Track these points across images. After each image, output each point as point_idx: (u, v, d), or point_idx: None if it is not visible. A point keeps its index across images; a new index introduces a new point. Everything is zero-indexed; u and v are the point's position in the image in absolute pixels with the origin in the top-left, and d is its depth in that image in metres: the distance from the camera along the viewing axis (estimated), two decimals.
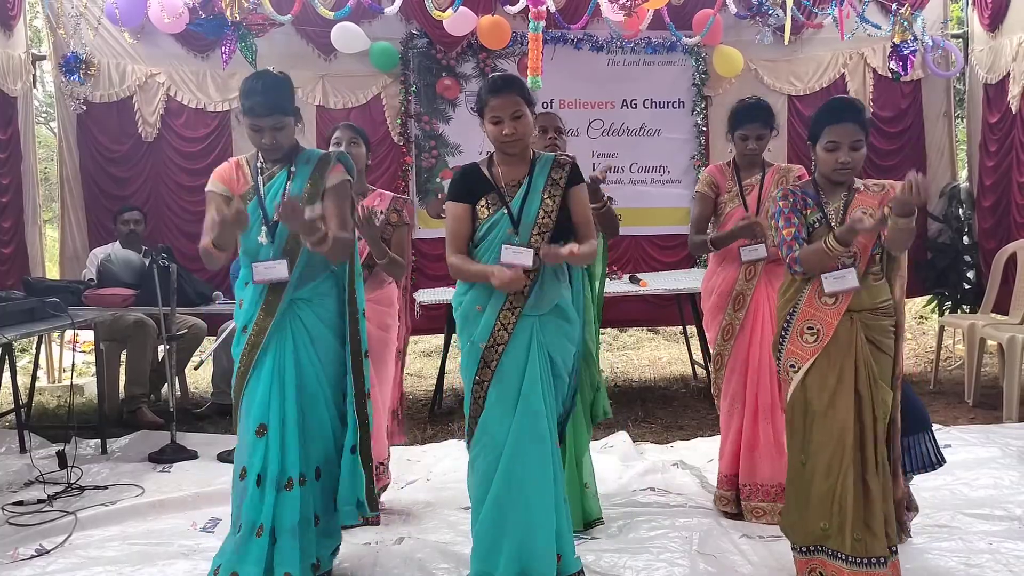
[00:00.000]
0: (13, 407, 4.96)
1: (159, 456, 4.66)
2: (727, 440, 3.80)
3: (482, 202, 2.97)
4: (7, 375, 4.89)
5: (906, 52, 6.46)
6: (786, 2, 5.61)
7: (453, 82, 6.65)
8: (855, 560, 2.84)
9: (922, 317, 8.46)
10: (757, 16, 6.31)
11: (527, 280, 2.88)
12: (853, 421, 2.87)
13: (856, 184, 2.98)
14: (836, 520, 2.86)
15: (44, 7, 6.32)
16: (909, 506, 3.36)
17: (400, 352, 4.07)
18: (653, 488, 4.09)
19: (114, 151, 6.49)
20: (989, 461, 4.29)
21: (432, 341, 7.93)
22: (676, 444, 4.86)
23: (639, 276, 6.09)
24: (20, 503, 3.93)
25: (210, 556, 3.18)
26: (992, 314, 6.00)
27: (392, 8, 5.83)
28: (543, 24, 5.36)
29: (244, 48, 5.93)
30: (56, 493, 4.04)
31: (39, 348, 5.88)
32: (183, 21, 5.84)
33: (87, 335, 6.93)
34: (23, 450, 4.78)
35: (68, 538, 3.52)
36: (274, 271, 2.92)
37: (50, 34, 6.35)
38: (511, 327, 2.92)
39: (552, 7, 5.90)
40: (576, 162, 3.05)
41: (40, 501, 3.94)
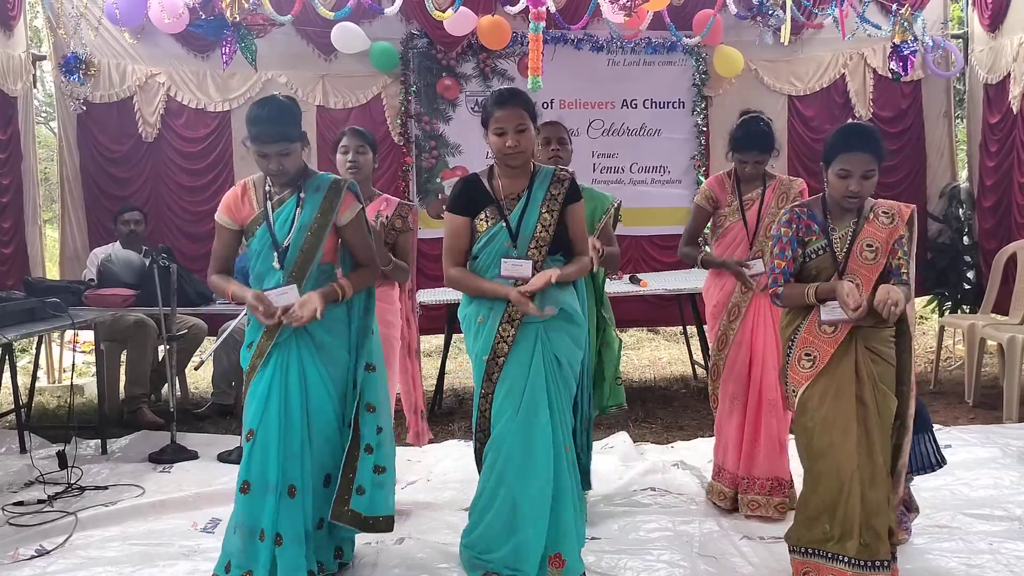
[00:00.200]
0: (13, 407, 4.95)
1: (159, 456, 4.66)
2: (728, 438, 3.83)
3: (481, 215, 3.02)
4: (7, 375, 4.89)
5: (906, 52, 6.46)
6: (786, 2, 5.61)
7: (453, 82, 6.65)
8: (860, 563, 2.84)
9: (922, 317, 8.45)
10: (758, 16, 6.31)
11: (541, 315, 2.90)
12: (857, 429, 2.87)
13: (866, 210, 2.95)
14: (840, 525, 2.87)
15: (44, 7, 6.32)
16: (909, 507, 3.37)
17: (415, 351, 4.08)
18: (653, 488, 4.09)
19: (114, 151, 6.49)
20: (989, 461, 4.30)
21: (432, 341, 7.92)
22: (676, 444, 4.86)
23: (639, 276, 6.08)
24: (20, 503, 3.92)
25: (211, 556, 3.19)
26: (992, 314, 6.00)
27: (392, 8, 5.83)
28: (543, 24, 5.36)
29: (244, 48, 5.92)
30: (56, 493, 4.04)
31: (39, 348, 5.88)
32: (183, 21, 5.84)
33: (87, 335, 6.93)
34: (23, 450, 4.78)
35: (68, 538, 3.52)
36: (287, 297, 2.92)
37: (50, 34, 6.35)
38: (511, 339, 2.97)
39: (552, 7, 5.90)
40: (575, 178, 3.09)
41: (40, 501, 3.94)
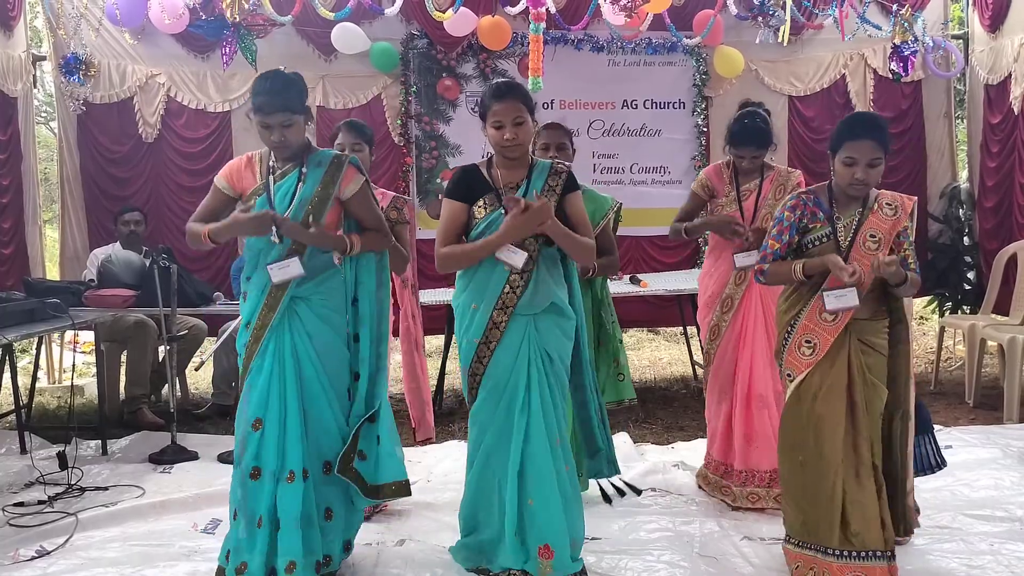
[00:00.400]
0: (13, 408, 4.95)
1: (160, 457, 4.65)
2: (717, 428, 3.94)
3: (480, 203, 3.06)
4: (7, 376, 4.88)
5: (906, 53, 6.46)
6: (786, 3, 5.61)
7: (453, 82, 6.65)
8: (847, 554, 2.91)
9: (922, 318, 8.46)
10: (758, 17, 6.31)
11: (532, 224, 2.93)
12: (845, 423, 2.94)
13: (871, 200, 2.99)
14: (827, 517, 2.93)
15: (44, 7, 6.32)
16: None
17: (421, 346, 4.08)
18: (654, 489, 4.08)
19: (114, 152, 6.49)
20: (990, 462, 4.30)
21: (432, 341, 7.90)
22: (677, 445, 4.86)
23: (639, 277, 6.09)
24: (21, 504, 3.92)
25: (211, 557, 3.19)
26: (992, 315, 6.00)
27: (392, 9, 5.83)
28: (543, 25, 5.36)
29: (244, 49, 5.93)
30: (57, 494, 4.04)
31: (39, 349, 5.88)
32: (183, 22, 5.85)
33: (87, 336, 6.93)
34: (23, 451, 4.77)
35: (69, 539, 3.52)
36: (289, 270, 2.94)
37: (50, 34, 6.35)
38: (503, 326, 3.03)
39: (552, 8, 5.90)
40: (572, 171, 3.15)
41: (41, 502, 3.94)
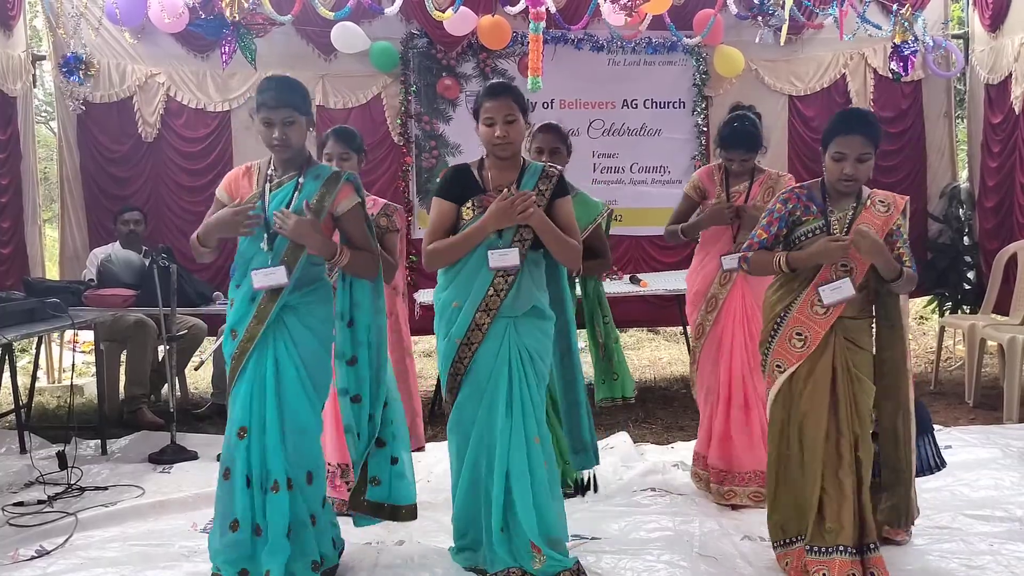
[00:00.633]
0: (13, 408, 4.95)
1: (159, 457, 4.65)
2: (703, 424, 4.05)
3: (468, 204, 3.07)
4: (7, 376, 4.88)
5: (907, 52, 6.46)
6: (785, 3, 5.60)
7: (453, 82, 6.65)
8: (817, 550, 2.96)
9: (922, 318, 8.45)
10: (758, 16, 6.31)
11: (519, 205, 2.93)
12: (828, 421, 2.98)
13: (864, 197, 3.02)
14: (805, 510, 3.00)
15: (44, 7, 6.31)
16: None
17: (409, 352, 4.09)
18: (654, 489, 4.09)
19: (114, 151, 6.48)
20: (990, 462, 4.30)
21: (432, 341, 7.90)
22: (676, 445, 4.86)
23: (639, 276, 6.09)
24: (20, 504, 3.92)
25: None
26: (992, 315, 6.00)
27: (392, 8, 5.83)
28: (543, 25, 5.36)
29: (244, 48, 5.92)
30: (56, 494, 4.04)
31: (39, 348, 5.87)
32: (183, 21, 5.84)
33: (87, 335, 6.92)
34: (23, 451, 4.77)
35: (68, 539, 3.52)
36: (273, 277, 2.93)
37: (50, 34, 6.34)
38: (485, 328, 3.04)
39: (552, 8, 5.90)
40: (563, 175, 3.17)
41: (40, 502, 3.94)
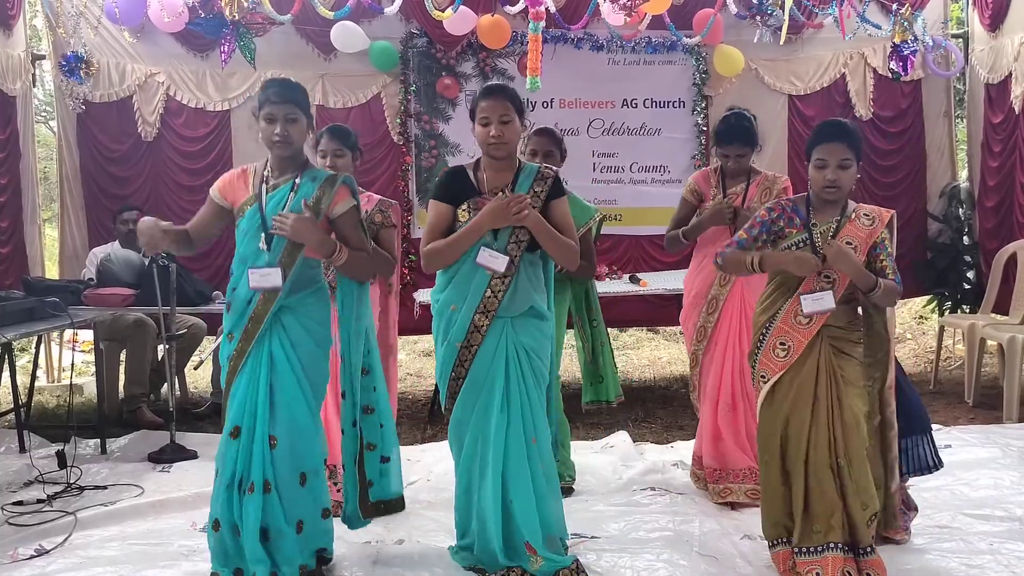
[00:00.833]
0: (13, 407, 4.95)
1: (159, 456, 4.65)
2: (702, 428, 4.05)
3: (464, 206, 3.08)
4: (6, 375, 4.88)
5: (906, 52, 6.45)
6: (784, 2, 5.60)
7: (453, 81, 6.64)
8: (807, 550, 2.98)
9: (922, 317, 8.45)
10: (757, 16, 6.31)
11: (514, 205, 2.94)
12: (811, 426, 3.00)
13: (849, 210, 3.04)
14: (792, 513, 3.02)
15: (44, 6, 6.31)
16: (908, 505, 3.38)
17: (393, 351, 4.06)
18: (654, 488, 4.09)
19: (114, 151, 6.48)
20: (989, 461, 4.30)
21: (432, 341, 7.91)
22: (676, 444, 4.86)
23: (639, 276, 6.09)
24: (20, 503, 3.92)
25: (210, 556, 3.18)
26: (992, 314, 6.00)
27: (392, 8, 5.82)
28: (543, 24, 5.36)
29: (243, 47, 5.92)
30: (56, 493, 4.04)
31: (38, 348, 5.87)
32: (183, 20, 5.84)
33: (86, 335, 6.92)
34: (22, 450, 4.77)
35: (68, 538, 3.52)
36: (269, 279, 2.94)
37: (50, 33, 6.34)
38: (484, 329, 3.05)
39: (552, 7, 5.89)
40: (559, 176, 3.17)
41: (40, 501, 3.94)
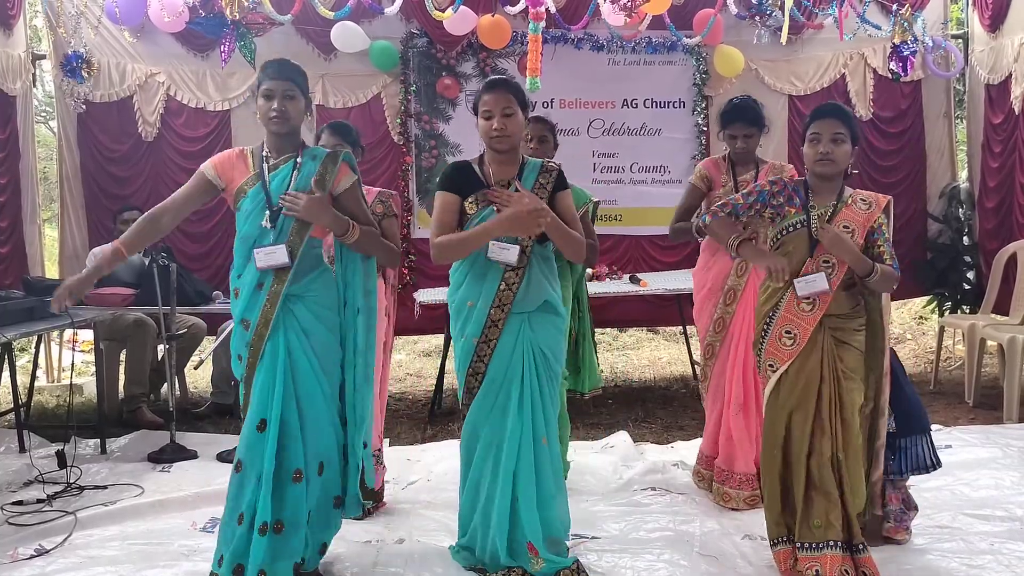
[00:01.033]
0: (12, 406, 4.95)
1: (159, 456, 4.65)
2: (709, 423, 4.04)
3: (470, 199, 3.08)
4: (6, 375, 4.88)
5: (906, 53, 6.47)
6: (784, 3, 5.60)
7: (453, 81, 6.64)
8: (807, 546, 2.98)
9: (922, 318, 8.45)
10: (757, 16, 6.31)
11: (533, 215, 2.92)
12: (814, 420, 3.01)
13: (846, 195, 3.08)
14: (793, 507, 3.03)
15: (44, 6, 6.31)
16: (908, 504, 3.38)
17: (389, 348, 4.04)
18: (654, 488, 4.08)
19: (114, 150, 6.48)
20: (989, 462, 4.29)
21: (432, 341, 7.93)
22: (676, 444, 4.86)
23: (639, 276, 6.09)
24: (19, 503, 3.92)
25: (210, 556, 3.16)
26: (992, 315, 6.00)
27: (392, 8, 5.83)
28: (543, 25, 5.36)
29: (243, 47, 5.92)
30: (55, 493, 4.03)
31: (38, 347, 5.87)
32: (183, 20, 5.84)
33: (86, 334, 6.93)
34: (22, 450, 4.77)
35: (68, 538, 3.52)
36: (275, 256, 2.93)
37: (50, 33, 6.34)
38: (501, 323, 3.04)
39: (552, 7, 5.89)
40: (562, 170, 3.17)
41: (39, 501, 3.93)
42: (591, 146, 6.83)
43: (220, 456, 4.63)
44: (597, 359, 4.32)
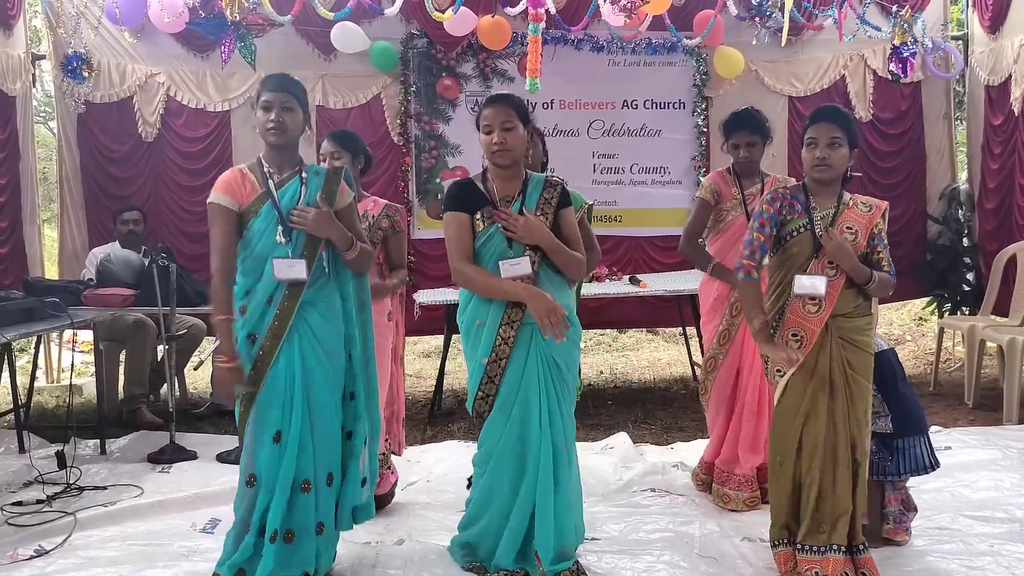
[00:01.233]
0: (12, 407, 4.94)
1: (158, 456, 4.65)
2: (713, 433, 4.02)
3: (477, 215, 3.06)
4: (6, 375, 4.88)
5: (906, 54, 6.47)
6: (784, 4, 5.61)
7: (453, 82, 6.64)
8: (811, 549, 2.99)
9: (922, 319, 8.46)
10: (756, 18, 6.31)
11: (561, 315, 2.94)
12: (826, 421, 3.00)
13: (846, 198, 3.09)
14: (803, 512, 3.02)
15: (44, 6, 6.31)
16: (908, 506, 3.39)
17: (399, 357, 4.06)
18: (654, 489, 4.08)
19: (114, 151, 6.48)
20: (989, 463, 4.29)
21: (431, 342, 7.93)
22: (676, 445, 4.86)
23: (639, 277, 6.09)
24: (19, 503, 3.91)
25: (210, 557, 3.18)
26: (992, 316, 6.01)
27: (392, 9, 5.83)
28: (542, 26, 5.35)
29: (243, 48, 5.92)
30: (55, 493, 4.03)
31: (38, 348, 5.87)
32: (183, 21, 5.84)
33: (86, 335, 6.92)
34: (22, 450, 4.77)
35: (67, 539, 3.51)
36: (295, 270, 2.92)
37: (50, 33, 6.33)
38: (511, 340, 3.02)
39: (552, 8, 5.90)
40: (566, 185, 3.17)
41: (39, 501, 3.93)
42: (591, 147, 6.83)
43: (220, 457, 4.63)
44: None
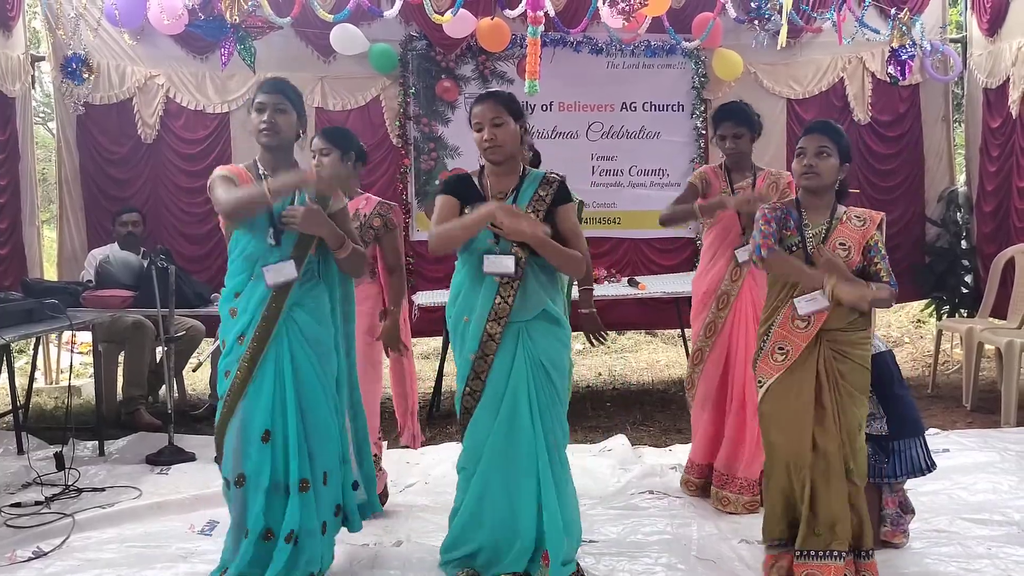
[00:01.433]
0: (11, 408, 4.94)
1: (157, 458, 4.65)
2: (698, 431, 4.00)
3: (467, 209, 3.03)
4: (5, 377, 4.89)
5: (904, 57, 6.48)
6: (782, 7, 5.61)
7: (452, 84, 6.65)
8: (808, 553, 2.99)
9: (920, 321, 8.46)
10: (755, 20, 6.32)
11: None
12: (814, 428, 3.00)
13: (840, 212, 3.09)
14: (792, 514, 3.05)
15: (43, 8, 6.31)
16: (905, 508, 3.39)
17: (408, 352, 4.07)
18: (652, 491, 4.09)
19: (113, 152, 6.48)
20: (987, 466, 4.30)
21: (430, 343, 7.92)
22: (674, 447, 4.86)
23: (637, 279, 6.10)
24: (17, 505, 3.91)
25: (208, 559, 3.18)
26: (990, 318, 6.01)
27: (391, 11, 5.83)
28: (542, 28, 5.36)
29: (243, 50, 5.92)
30: (54, 495, 4.03)
31: (37, 349, 5.86)
32: (182, 22, 5.84)
33: (85, 336, 6.92)
34: (20, 452, 4.77)
35: (66, 540, 3.51)
36: (285, 272, 2.94)
37: (49, 35, 6.33)
38: (498, 337, 3.00)
39: (551, 11, 5.90)
40: (565, 181, 3.12)
41: (38, 503, 3.93)
42: (590, 149, 6.83)
43: (218, 459, 4.62)
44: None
